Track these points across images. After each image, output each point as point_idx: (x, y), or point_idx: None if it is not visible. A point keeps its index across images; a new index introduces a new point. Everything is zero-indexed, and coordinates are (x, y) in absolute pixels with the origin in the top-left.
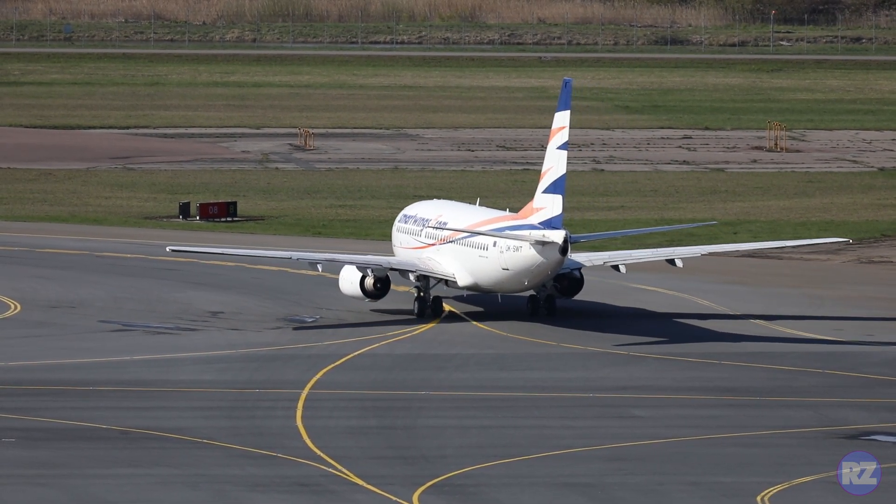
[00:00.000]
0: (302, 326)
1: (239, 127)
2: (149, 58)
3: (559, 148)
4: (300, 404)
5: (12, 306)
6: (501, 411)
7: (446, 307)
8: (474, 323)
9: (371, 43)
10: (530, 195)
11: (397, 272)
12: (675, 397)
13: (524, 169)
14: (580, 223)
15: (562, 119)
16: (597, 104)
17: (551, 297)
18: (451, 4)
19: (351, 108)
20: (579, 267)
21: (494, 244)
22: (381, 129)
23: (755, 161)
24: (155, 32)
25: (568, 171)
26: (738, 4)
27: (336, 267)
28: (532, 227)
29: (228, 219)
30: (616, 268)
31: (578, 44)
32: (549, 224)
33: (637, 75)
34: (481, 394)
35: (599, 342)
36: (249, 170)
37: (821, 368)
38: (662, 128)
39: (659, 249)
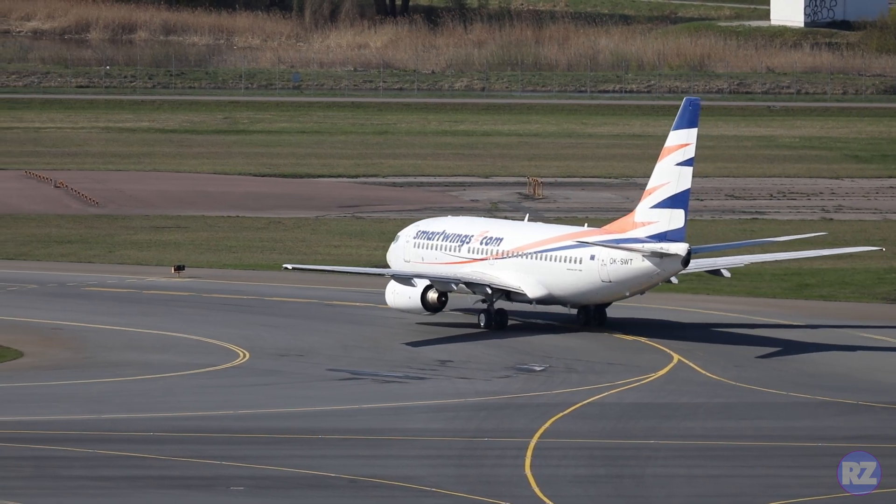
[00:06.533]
0: (530, 374)
1: (468, 175)
2: (378, 106)
3: (680, 164)
4: (529, 453)
5: (241, 354)
6: (730, 460)
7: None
8: (703, 371)
9: (600, 92)
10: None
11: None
12: None
13: (753, 218)
14: (808, 272)
15: (686, 136)
16: (825, 153)
17: (601, 308)
18: (680, 54)
19: (580, 157)
20: None
21: (592, 257)
22: (609, 178)
23: None
24: (384, 81)
25: (795, 220)
26: None
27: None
28: (637, 240)
29: None
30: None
31: (807, 93)
32: (662, 237)
33: (866, 124)
34: (709, 443)
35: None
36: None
37: None
38: (891, 177)
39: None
